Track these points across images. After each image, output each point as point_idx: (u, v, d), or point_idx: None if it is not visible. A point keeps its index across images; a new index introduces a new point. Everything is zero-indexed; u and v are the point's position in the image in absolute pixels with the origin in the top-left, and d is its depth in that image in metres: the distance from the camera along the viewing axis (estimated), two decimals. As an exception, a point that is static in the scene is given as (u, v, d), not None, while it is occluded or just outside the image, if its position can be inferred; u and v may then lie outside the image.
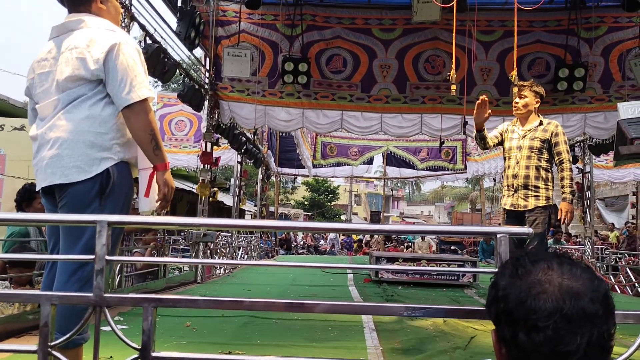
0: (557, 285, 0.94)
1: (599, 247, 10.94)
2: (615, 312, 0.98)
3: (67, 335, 1.69)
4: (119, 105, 2.33)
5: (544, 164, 4.23)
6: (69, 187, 2.30)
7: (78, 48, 2.33)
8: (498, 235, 1.68)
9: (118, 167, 2.36)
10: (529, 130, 4.29)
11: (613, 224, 18.01)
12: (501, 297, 0.98)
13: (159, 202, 2.44)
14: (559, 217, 4.15)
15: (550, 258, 1.00)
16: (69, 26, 2.42)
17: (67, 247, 2.32)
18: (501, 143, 4.59)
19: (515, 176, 4.30)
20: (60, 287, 2.22)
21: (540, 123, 4.28)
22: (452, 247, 17.16)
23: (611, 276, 9.06)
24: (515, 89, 4.42)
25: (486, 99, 4.31)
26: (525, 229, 1.82)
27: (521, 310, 0.94)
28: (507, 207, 4.38)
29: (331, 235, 20.34)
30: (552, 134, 4.20)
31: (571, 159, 4.25)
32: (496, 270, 1.14)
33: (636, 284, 8.40)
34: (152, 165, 2.44)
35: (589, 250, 9.87)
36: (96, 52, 2.31)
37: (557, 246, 11.58)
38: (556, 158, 4.21)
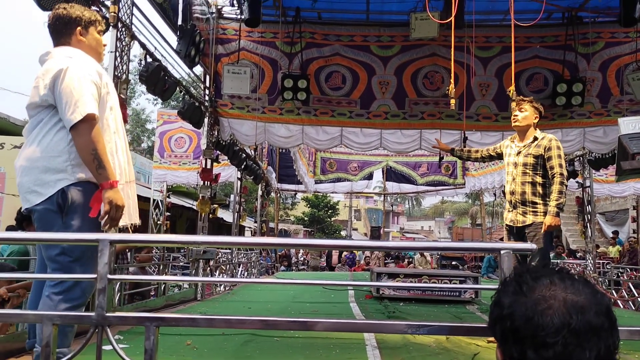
0: (562, 301, 0.93)
1: (601, 261, 10.90)
2: (622, 328, 0.98)
3: (70, 355, 1.68)
4: (67, 126, 2.43)
5: (539, 179, 4.22)
6: (35, 211, 2.47)
7: (37, 78, 2.51)
8: (502, 252, 1.67)
9: (78, 186, 2.45)
10: (524, 147, 4.30)
11: (614, 238, 17.95)
12: (507, 315, 0.97)
13: (103, 220, 2.46)
14: (542, 231, 4.13)
15: (551, 274, 1.00)
16: (41, 60, 2.62)
17: (48, 265, 2.50)
18: (500, 157, 4.67)
19: (512, 193, 4.32)
20: (42, 304, 2.35)
21: (535, 139, 4.28)
22: (453, 263, 17.10)
23: (613, 291, 9.02)
24: (514, 104, 4.44)
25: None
26: (529, 245, 1.81)
27: (528, 328, 0.93)
28: (507, 222, 4.42)
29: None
30: (545, 149, 4.19)
31: (564, 173, 4.18)
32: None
33: (639, 299, 8.35)
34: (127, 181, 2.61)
35: (590, 265, 9.84)
36: (47, 79, 2.46)
37: (558, 261, 11.53)
38: (549, 172, 4.20)
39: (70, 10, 2.65)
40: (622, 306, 8.28)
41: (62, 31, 2.63)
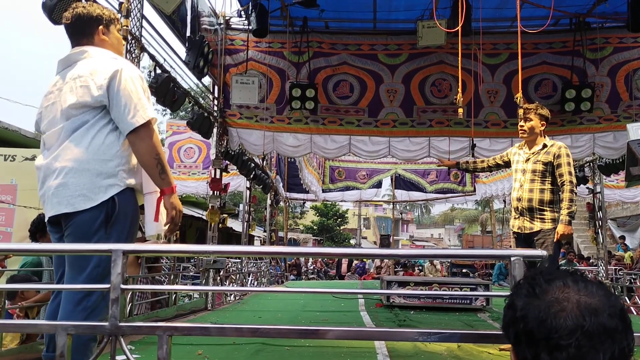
0: (575, 303, 0.94)
1: (613, 267, 10.80)
2: (635, 334, 0.97)
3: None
4: (124, 130, 2.37)
5: (548, 186, 4.22)
6: (75, 216, 2.32)
7: (82, 77, 2.41)
8: (512, 258, 1.67)
9: (125, 193, 2.39)
10: (533, 154, 4.30)
11: (626, 244, 17.79)
12: (520, 317, 0.97)
13: (167, 226, 2.45)
14: (555, 240, 4.12)
15: (564, 276, 1.00)
16: (72, 58, 2.52)
17: (72, 276, 2.34)
18: (508, 164, 4.67)
19: (519, 199, 4.31)
20: (66, 316, 2.20)
21: (544, 146, 4.28)
22: (464, 270, 17.00)
23: (626, 297, 8.92)
24: (520, 112, 4.44)
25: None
26: (539, 252, 1.81)
27: (542, 330, 0.93)
28: (515, 230, 4.40)
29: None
30: (554, 156, 4.20)
31: (574, 180, 4.20)
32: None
33: (653, 305, 8.25)
34: (158, 189, 2.48)
35: (602, 271, 9.75)
36: (99, 79, 2.38)
37: (569, 268, 11.43)
38: (558, 180, 4.19)
39: (90, 9, 2.58)
40: (635, 313, 8.18)
41: (84, 30, 2.56)
